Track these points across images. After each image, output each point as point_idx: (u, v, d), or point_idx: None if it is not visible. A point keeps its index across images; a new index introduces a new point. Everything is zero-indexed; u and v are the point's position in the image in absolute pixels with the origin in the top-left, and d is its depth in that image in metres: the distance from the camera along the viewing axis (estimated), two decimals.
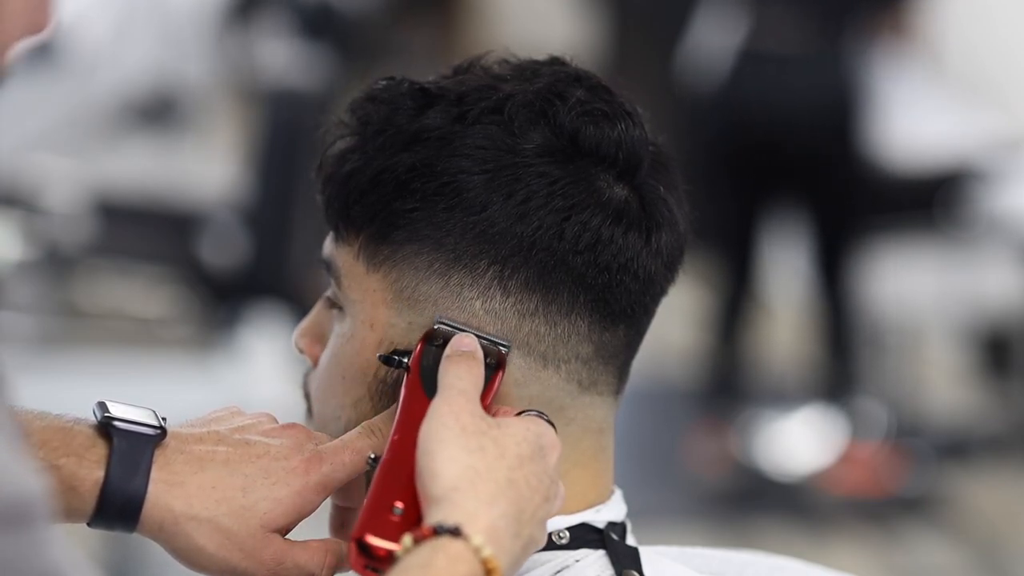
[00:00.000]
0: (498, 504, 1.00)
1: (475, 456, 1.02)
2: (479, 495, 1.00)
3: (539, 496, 1.03)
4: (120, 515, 1.06)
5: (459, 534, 0.98)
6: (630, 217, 1.12)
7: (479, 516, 0.99)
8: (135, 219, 3.97)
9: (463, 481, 1.00)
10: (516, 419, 1.07)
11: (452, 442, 1.02)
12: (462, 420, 1.03)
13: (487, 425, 1.04)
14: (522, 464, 1.03)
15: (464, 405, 1.04)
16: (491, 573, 0.98)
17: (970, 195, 4.51)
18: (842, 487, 4.43)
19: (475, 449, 1.02)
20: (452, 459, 1.01)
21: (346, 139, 1.15)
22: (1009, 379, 4.89)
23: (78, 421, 1.08)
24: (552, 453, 1.06)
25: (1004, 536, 4.26)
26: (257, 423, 1.12)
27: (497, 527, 0.99)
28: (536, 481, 1.03)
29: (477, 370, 1.08)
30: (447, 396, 1.05)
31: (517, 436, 1.04)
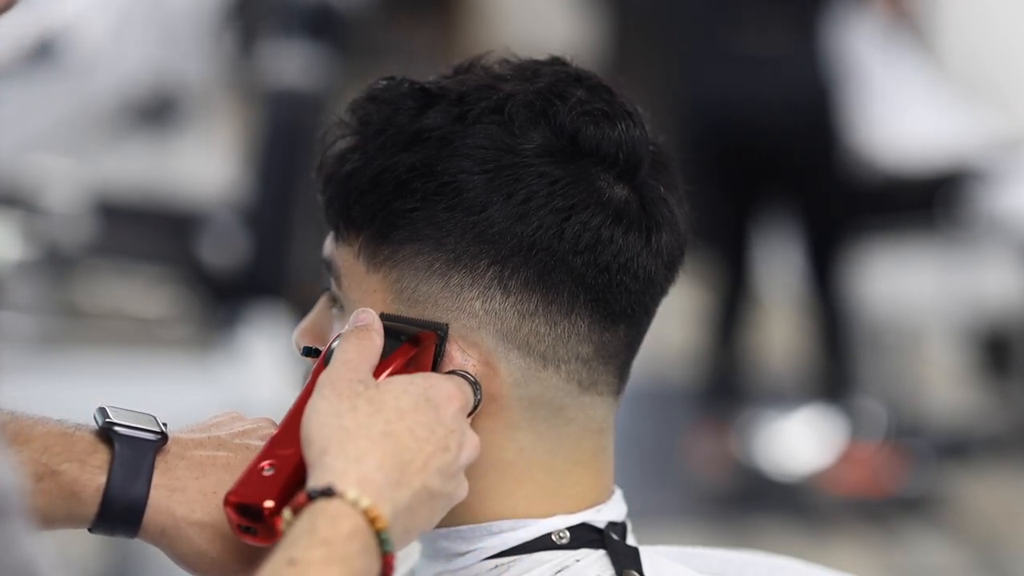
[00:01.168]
0: (370, 457, 1.01)
1: (346, 417, 1.02)
2: (347, 453, 1.00)
3: (430, 445, 1.03)
4: (122, 520, 1.06)
5: (332, 493, 0.98)
6: (630, 217, 1.12)
7: (348, 472, 1.00)
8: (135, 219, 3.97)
9: (332, 442, 1.01)
10: (399, 376, 1.07)
11: (324, 408, 1.03)
12: (338, 387, 1.04)
13: (363, 387, 1.05)
14: (403, 416, 1.03)
15: (343, 373, 1.05)
16: (375, 522, 0.98)
17: (970, 195, 4.51)
18: (842, 487, 4.43)
19: (347, 411, 1.03)
20: (322, 423, 1.02)
21: (346, 139, 1.15)
22: (1009, 379, 4.89)
23: (79, 427, 1.08)
24: (448, 404, 1.06)
25: (1004, 536, 4.26)
26: (257, 427, 1.12)
27: (371, 478, 1.00)
28: (424, 431, 1.04)
29: (368, 342, 1.08)
30: (330, 368, 1.06)
31: (396, 391, 1.05)
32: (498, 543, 1.12)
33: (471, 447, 1.07)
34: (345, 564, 0.96)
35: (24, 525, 0.85)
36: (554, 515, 1.12)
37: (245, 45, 4.88)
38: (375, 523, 0.98)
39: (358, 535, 0.98)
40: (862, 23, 4.65)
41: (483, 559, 1.12)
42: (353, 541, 0.97)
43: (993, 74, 5.47)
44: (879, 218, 4.61)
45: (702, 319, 4.75)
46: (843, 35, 4.52)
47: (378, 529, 0.98)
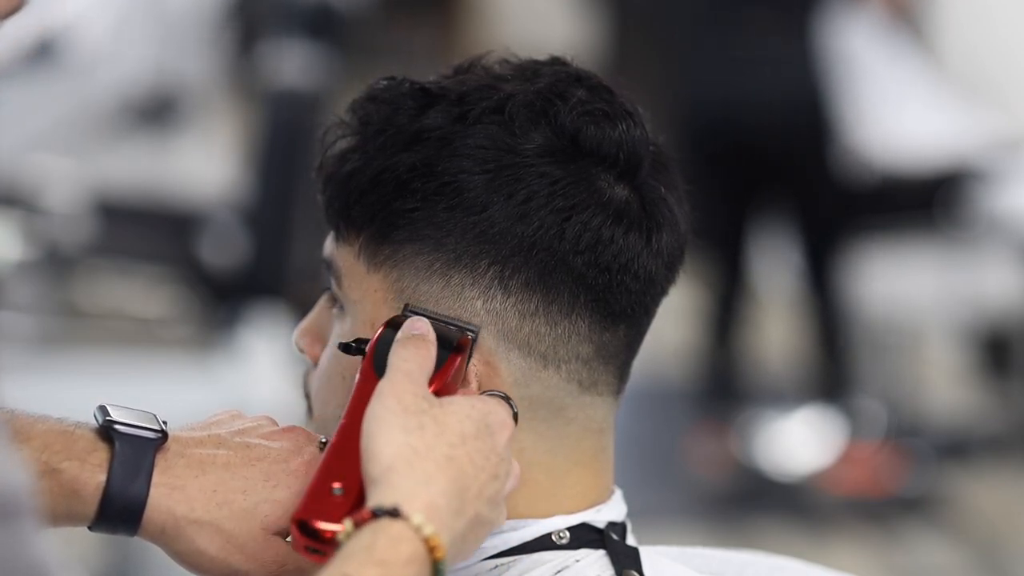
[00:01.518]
0: (436, 482, 1.00)
1: (413, 435, 1.01)
2: (416, 474, 1.00)
3: (485, 474, 1.03)
4: (122, 519, 1.06)
5: (398, 514, 0.98)
6: (631, 217, 1.12)
7: (417, 495, 0.99)
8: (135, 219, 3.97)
9: (400, 460, 1.00)
10: (461, 397, 1.07)
11: (391, 422, 1.02)
12: (404, 401, 1.03)
13: (428, 404, 1.04)
14: (464, 441, 1.03)
15: (406, 386, 1.04)
16: (434, 551, 0.98)
17: (970, 195, 4.51)
18: (842, 487, 4.43)
19: (414, 428, 1.02)
20: (390, 439, 1.01)
21: (347, 139, 1.15)
22: (1009, 379, 4.89)
23: (79, 425, 1.08)
24: (502, 432, 1.06)
25: (1004, 536, 4.26)
26: (257, 426, 1.12)
27: (437, 505, 0.99)
28: (481, 458, 1.03)
29: (426, 351, 1.07)
30: (391, 377, 1.05)
31: (460, 414, 1.04)
32: (498, 543, 1.12)
33: (515, 476, 1.07)
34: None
35: (34, 525, 0.85)
36: (554, 515, 1.12)
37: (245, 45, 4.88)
38: (434, 552, 0.98)
39: (415, 561, 0.97)
40: (862, 23, 4.65)
41: (483, 559, 1.12)
42: (410, 567, 0.97)
43: (993, 74, 5.47)
44: (879, 218, 4.61)
45: (700, 318, 4.75)
46: (840, 35, 4.53)
47: (435, 559, 0.98)
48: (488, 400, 1.08)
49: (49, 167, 4.09)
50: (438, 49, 8.04)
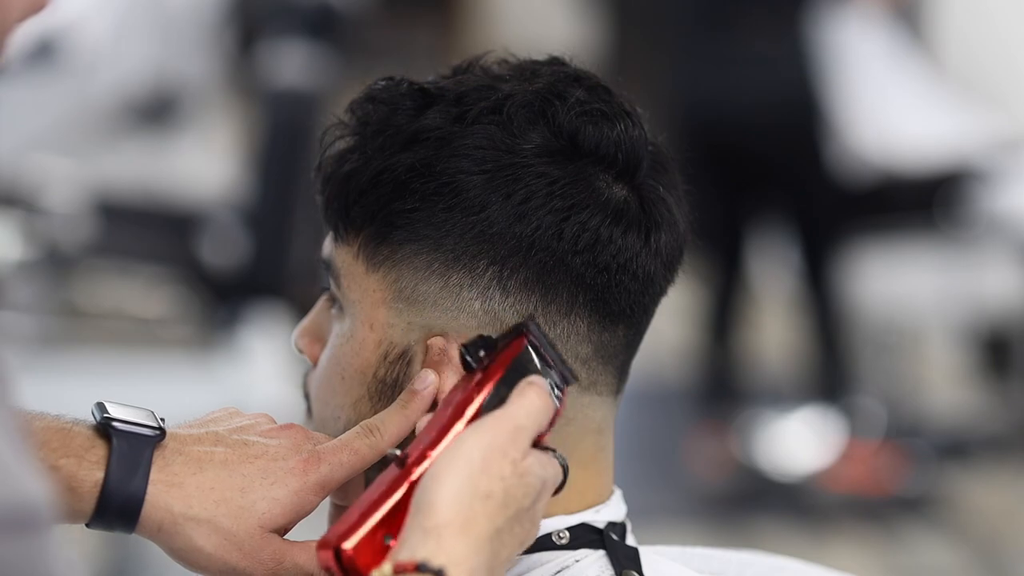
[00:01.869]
0: (482, 553, 0.99)
1: (479, 501, 1.00)
2: (470, 541, 0.98)
3: (516, 545, 1.02)
4: (119, 516, 1.06)
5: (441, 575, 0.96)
6: (629, 217, 1.12)
7: (466, 565, 0.97)
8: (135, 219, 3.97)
9: (459, 520, 0.98)
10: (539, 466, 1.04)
11: (465, 479, 1.00)
12: (487, 458, 1.01)
13: (511, 471, 1.02)
14: (518, 516, 1.02)
15: (506, 442, 1.02)
16: None
17: (970, 195, 4.51)
18: (841, 485, 4.43)
19: (483, 494, 1.00)
20: (457, 498, 0.99)
21: (345, 139, 1.15)
22: (1009, 379, 4.89)
23: (77, 422, 1.08)
24: (547, 494, 1.05)
25: (1004, 536, 4.25)
26: (255, 424, 1.12)
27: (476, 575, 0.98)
28: (521, 532, 1.02)
29: (548, 411, 1.05)
30: (500, 423, 1.03)
31: (528, 487, 1.02)
32: None
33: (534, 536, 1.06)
34: None
35: (54, 539, 0.85)
36: (554, 515, 1.12)
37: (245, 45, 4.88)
38: None
39: None
40: (861, 22, 4.65)
41: None
42: None
43: (993, 74, 5.47)
44: (879, 218, 4.61)
45: (699, 318, 4.75)
46: (834, 34, 4.53)
47: None
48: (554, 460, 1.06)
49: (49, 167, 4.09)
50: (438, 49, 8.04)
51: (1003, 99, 5.30)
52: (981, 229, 4.51)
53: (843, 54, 4.56)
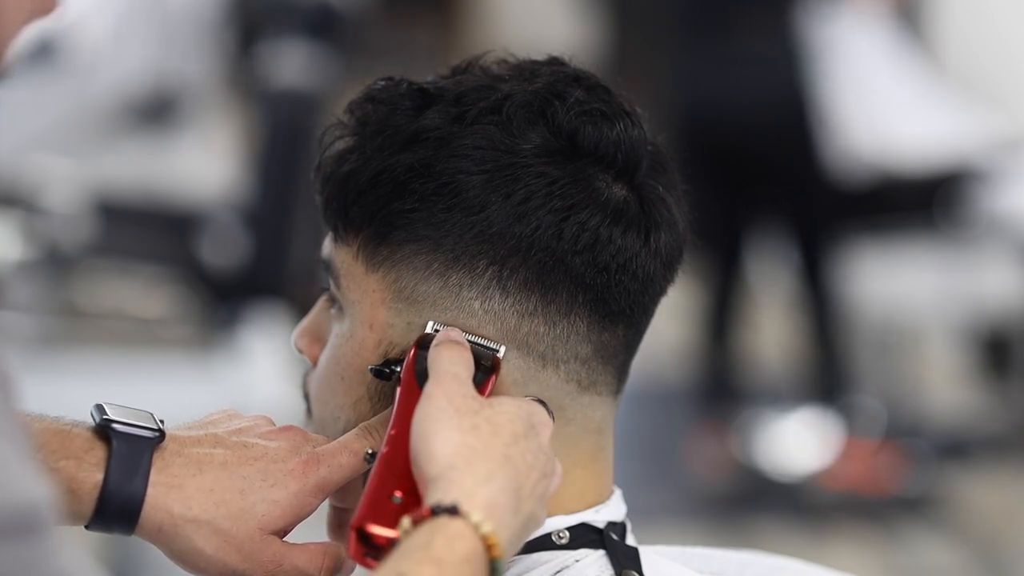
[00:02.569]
0: (496, 480, 1.00)
1: (470, 435, 1.02)
2: (476, 472, 1.00)
3: (536, 472, 1.03)
4: (119, 518, 1.05)
5: (457, 512, 0.98)
6: (629, 217, 1.12)
7: (477, 493, 0.99)
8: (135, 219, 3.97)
9: (459, 459, 1.01)
10: (507, 398, 1.07)
11: (446, 422, 1.02)
12: (455, 402, 1.04)
13: (479, 405, 1.04)
14: (517, 441, 1.03)
15: (457, 388, 1.05)
16: (491, 549, 0.98)
17: (970, 195, 4.51)
18: (840, 483, 4.43)
19: (469, 428, 1.02)
20: (447, 439, 1.01)
21: (345, 139, 1.15)
22: (1009, 379, 4.89)
23: (76, 424, 1.07)
24: (544, 431, 1.06)
25: (1004, 536, 4.25)
26: (255, 425, 1.12)
27: (496, 503, 0.99)
28: (532, 457, 1.04)
29: (468, 356, 1.08)
30: (440, 379, 1.05)
31: (510, 413, 1.05)
32: None
33: (559, 475, 1.07)
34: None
35: (56, 538, 0.85)
36: (553, 515, 1.12)
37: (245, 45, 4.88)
38: (491, 550, 0.98)
39: (473, 560, 0.97)
40: (862, 22, 4.65)
41: None
42: (466, 565, 0.96)
43: (993, 74, 5.46)
44: (879, 218, 4.61)
45: (698, 317, 4.75)
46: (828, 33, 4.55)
47: (493, 557, 0.98)
48: (531, 401, 1.08)
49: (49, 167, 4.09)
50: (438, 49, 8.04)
51: (1003, 99, 5.30)
52: (981, 229, 4.51)
53: (843, 53, 4.56)
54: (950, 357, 5.18)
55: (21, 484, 0.83)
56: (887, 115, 4.59)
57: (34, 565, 0.83)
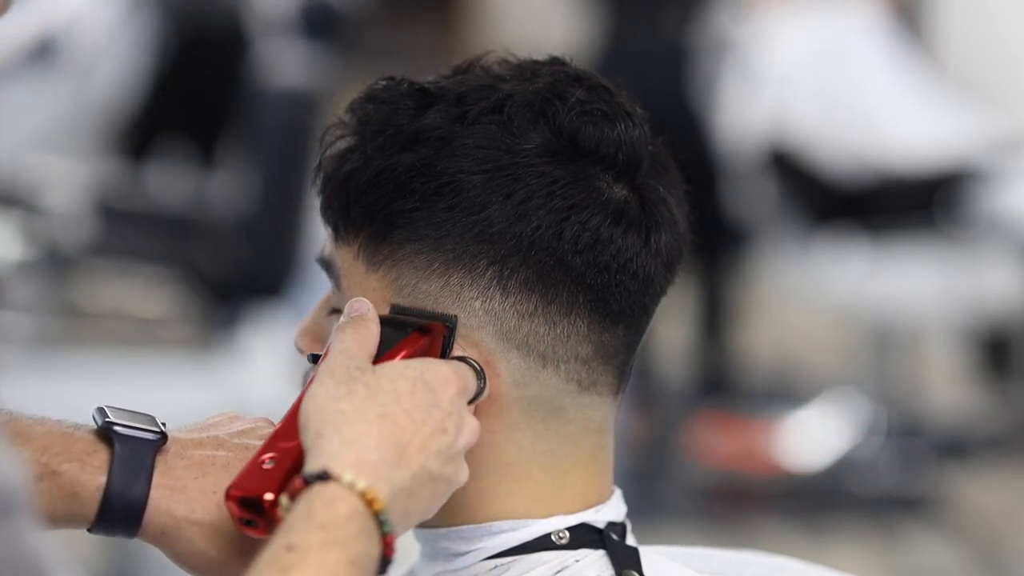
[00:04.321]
0: (366, 438, 1.01)
1: (342, 401, 1.02)
2: (343, 436, 1.00)
3: (427, 427, 1.03)
4: (122, 521, 1.06)
5: (327, 477, 0.98)
6: (629, 217, 1.12)
7: (344, 454, 1.00)
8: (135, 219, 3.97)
9: (327, 426, 1.01)
10: (395, 361, 1.07)
11: (321, 393, 1.03)
12: (335, 374, 1.04)
13: (360, 372, 1.05)
14: (399, 399, 1.03)
15: (340, 360, 1.05)
16: (372, 503, 0.98)
17: (970, 195, 4.51)
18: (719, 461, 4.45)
19: (343, 395, 1.03)
20: (319, 408, 1.02)
21: (346, 139, 1.15)
22: (1009, 379, 4.89)
23: (79, 427, 1.07)
24: (445, 388, 1.06)
25: (1004, 536, 4.26)
26: (256, 427, 1.12)
27: (366, 460, 1.00)
28: (421, 413, 1.03)
29: (364, 330, 1.08)
30: (327, 357, 1.06)
31: (392, 374, 1.05)
32: (498, 543, 1.12)
33: (470, 431, 1.07)
34: (343, 547, 0.96)
35: (30, 521, 0.85)
36: (554, 515, 1.12)
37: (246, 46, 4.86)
38: (372, 504, 0.98)
39: (356, 517, 0.97)
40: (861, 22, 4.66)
41: (483, 559, 1.12)
42: (351, 523, 0.97)
43: (993, 74, 5.47)
44: (880, 218, 4.61)
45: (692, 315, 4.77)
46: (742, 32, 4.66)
47: (376, 511, 0.98)
48: (427, 360, 1.08)
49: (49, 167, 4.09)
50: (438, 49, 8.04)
51: (1003, 99, 5.30)
52: (981, 229, 4.51)
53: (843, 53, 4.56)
54: (950, 357, 5.18)
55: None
56: (887, 115, 4.59)
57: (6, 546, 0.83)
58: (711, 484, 4.46)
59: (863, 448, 4.52)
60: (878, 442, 4.54)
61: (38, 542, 0.85)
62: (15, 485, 0.84)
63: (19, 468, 0.85)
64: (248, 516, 1.03)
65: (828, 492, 4.43)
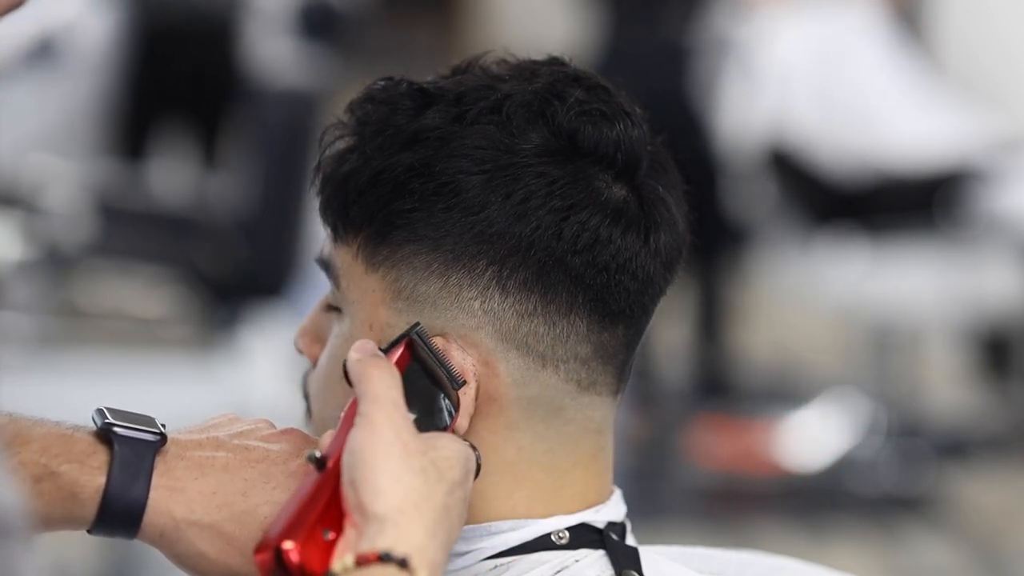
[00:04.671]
0: (439, 535, 0.99)
1: (419, 478, 1.00)
2: (425, 523, 0.98)
3: (461, 524, 1.03)
4: (121, 522, 1.05)
5: (407, 566, 0.96)
6: (629, 217, 1.12)
7: (427, 549, 0.97)
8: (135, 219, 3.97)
9: (408, 504, 0.99)
10: (449, 440, 1.05)
11: (397, 460, 1.00)
12: (403, 437, 1.01)
13: (426, 446, 1.02)
14: (453, 490, 1.02)
15: (401, 421, 1.02)
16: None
17: (970, 195, 4.51)
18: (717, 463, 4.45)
19: (418, 471, 1.00)
20: (398, 479, 0.99)
21: (345, 139, 1.15)
22: (1009, 379, 4.89)
23: (78, 428, 1.07)
24: (471, 480, 1.05)
25: (1004, 536, 4.26)
26: (256, 428, 1.12)
27: (438, 562, 0.98)
28: (462, 508, 1.03)
29: (394, 375, 1.06)
30: (380, 406, 1.03)
31: (451, 459, 1.03)
32: (497, 543, 1.12)
33: None
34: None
35: (24, 547, 0.85)
36: (553, 515, 1.12)
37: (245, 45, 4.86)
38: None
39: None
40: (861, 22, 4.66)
41: (482, 559, 1.12)
42: None
43: (993, 74, 5.47)
44: (880, 218, 4.61)
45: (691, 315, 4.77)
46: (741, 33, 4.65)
47: None
48: (465, 445, 1.06)
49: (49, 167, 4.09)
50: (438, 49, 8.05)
51: (1003, 99, 5.30)
52: (981, 229, 4.51)
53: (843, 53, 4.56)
54: (950, 357, 5.18)
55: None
56: (887, 115, 4.60)
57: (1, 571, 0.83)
58: (711, 484, 4.46)
59: (863, 448, 4.52)
60: (878, 442, 4.54)
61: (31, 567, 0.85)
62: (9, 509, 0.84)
63: (14, 491, 0.85)
64: (276, 569, 1.00)
65: (828, 492, 4.44)
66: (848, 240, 4.58)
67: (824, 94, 4.57)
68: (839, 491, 4.43)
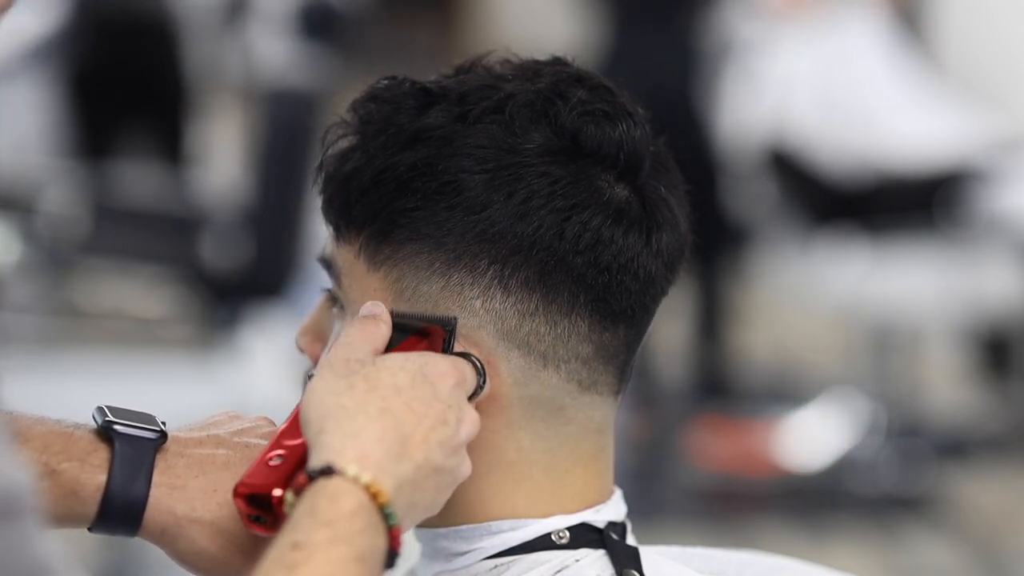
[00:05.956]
0: (368, 432, 1.00)
1: (343, 395, 1.02)
2: (345, 431, 1.00)
3: (428, 420, 1.03)
4: (122, 519, 1.06)
5: (331, 472, 0.98)
6: (631, 217, 1.12)
7: (346, 448, 0.99)
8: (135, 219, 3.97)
9: (328, 421, 1.01)
10: (395, 354, 1.07)
11: (321, 388, 1.03)
12: (335, 368, 1.04)
13: (360, 365, 1.05)
14: (399, 392, 1.03)
15: (339, 353, 1.05)
16: (377, 496, 0.98)
17: (970, 195, 4.51)
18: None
19: (343, 389, 1.03)
20: (319, 403, 1.02)
21: (347, 138, 1.15)
22: (1009, 379, 4.89)
23: (79, 426, 1.08)
24: (443, 380, 1.06)
25: (1004, 536, 4.26)
26: (256, 426, 1.12)
27: (370, 453, 0.99)
28: (421, 406, 1.03)
29: (372, 327, 1.08)
30: (329, 352, 1.07)
31: (392, 367, 1.05)
32: (498, 543, 1.12)
33: (470, 422, 1.06)
34: (349, 543, 0.96)
35: (37, 525, 0.85)
36: (554, 515, 1.12)
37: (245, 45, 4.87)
38: (377, 498, 0.98)
39: (361, 512, 0.97)
40: (862, 23, 4.66)
41: (482, 559, 1.12)
42: (356, 519, 0.97)
43: (993, 74, 5.47)
44: (880, 218, 4.61)
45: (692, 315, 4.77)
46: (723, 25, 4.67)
47: (381, 504, 0.98)
48: (425, 354, 1.08)
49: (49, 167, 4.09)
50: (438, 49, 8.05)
51: (1003, 99, 5.30)
52: (981, 229, 4.51)
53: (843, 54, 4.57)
54: (950, 357, 5.18)
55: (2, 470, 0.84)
56: (888, 115, 4.60)
57: (14, 550, 0.83)
58: (711, 484, 4.46)
59: (863, 448, 4.52)
60: (878, 442, 4.54)
61: (44, 546, 0.85)
62: (21, 488, 0.84)
63: (24, 471, 0.85)
64: (256, 513, 1.03)
65: (828, 492, 4.44)
66: (848, 240, 4.58)
67: (825, 95, 4.57)
68: (839, 491, 4.43)
